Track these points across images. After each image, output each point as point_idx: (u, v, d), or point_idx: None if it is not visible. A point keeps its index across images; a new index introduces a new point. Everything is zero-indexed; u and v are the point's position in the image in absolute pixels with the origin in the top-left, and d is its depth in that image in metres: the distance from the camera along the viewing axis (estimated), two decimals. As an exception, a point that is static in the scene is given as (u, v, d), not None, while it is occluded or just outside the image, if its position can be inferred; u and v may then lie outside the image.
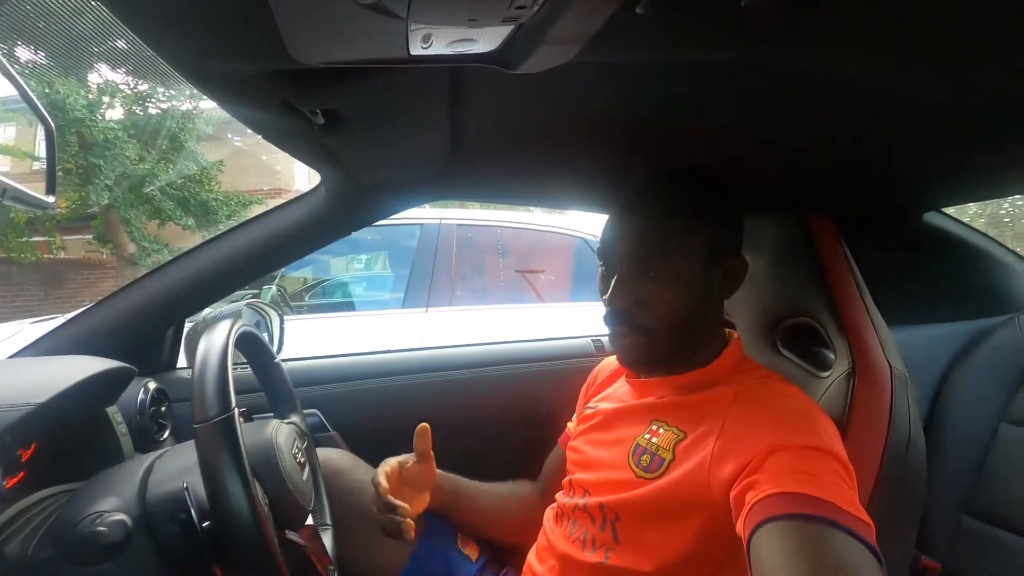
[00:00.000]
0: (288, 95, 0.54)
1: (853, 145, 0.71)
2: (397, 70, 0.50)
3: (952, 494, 1.11)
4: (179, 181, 7.60)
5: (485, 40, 0.42)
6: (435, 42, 0.41)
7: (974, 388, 1.14)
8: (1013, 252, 1.22)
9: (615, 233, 0.69)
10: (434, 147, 0.76)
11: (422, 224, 2.59)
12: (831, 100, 0.56)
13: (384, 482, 0.76)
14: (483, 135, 0.73)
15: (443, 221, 2.61)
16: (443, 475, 0.90)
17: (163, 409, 0.94)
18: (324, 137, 0.66)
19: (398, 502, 0.74)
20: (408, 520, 0.73)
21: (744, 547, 0.50)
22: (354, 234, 1.08)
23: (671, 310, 0.66)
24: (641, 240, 0.67)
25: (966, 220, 1.18)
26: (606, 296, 0.69)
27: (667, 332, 0.67)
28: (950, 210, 1.15)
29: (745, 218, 0.87)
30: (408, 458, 0.83)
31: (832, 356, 0.72)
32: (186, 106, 7.57)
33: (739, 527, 0.52)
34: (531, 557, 0.78)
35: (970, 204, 1.91)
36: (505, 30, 0.40)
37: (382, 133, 0.69)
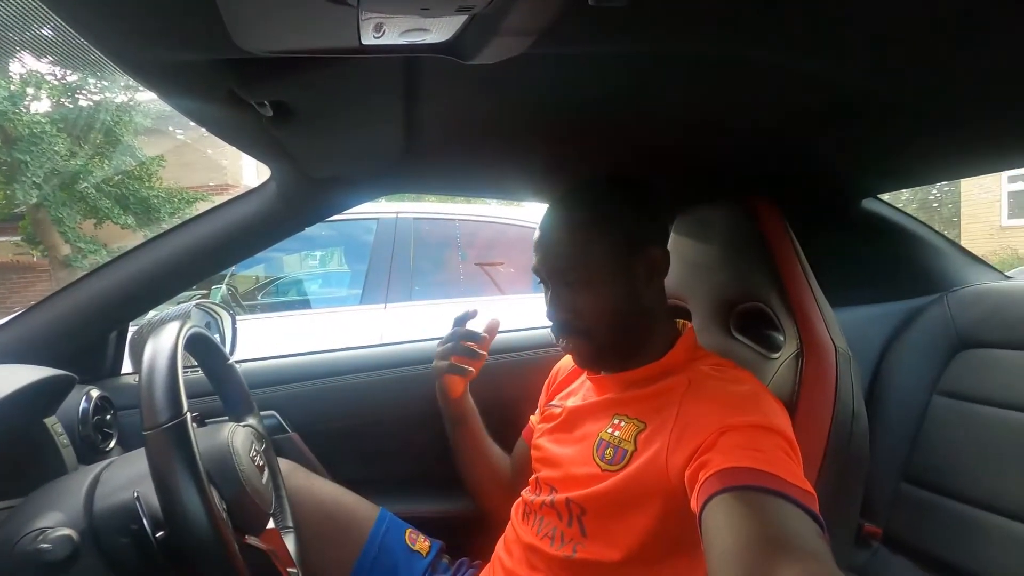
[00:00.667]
0: (234, 86, 0.52)
1: (795, 135, 0.74)
2: (349, 60, 0.49)
3: (891, 463, 1.19)
4: (116, 178, 7.20)
5: (438, 30, 0.41)
6: (387, 32, 0.40)
7: (909, 363, 1.22)
8: (941, 235, 1.31)
9: (537, 253, 0.74)
10: (388, 140, 0.75)
11: (378, 218, 2.55)
12: (774, 91, 0.59)
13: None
14: (438, 127, 0.73)
15: (400, 215, 2.57)
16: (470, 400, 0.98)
17: (108, 418, 0.90)
18: (273, 130, 0.64)
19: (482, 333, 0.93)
20: (484, 352, 0.94)
21: (697, 522, 0.52)
22: (308, 230, 1.05)
23: (600, 310, 0.70)
24: (555, 255, 0.71)
25: (899, 206, 1.25)
26: (547, 311, 0.74)
27: (604, 330, 0.71)
28: (885, 196, 1.21)
29: (696, 206, 0.90)
30: None
31: (781, 338, 0.75)
32: (121, 98, 7.16)
33: (693, 503, 0.54)
34: (500, 550, 0.79)
35: (903, 191, 2.02)
36: (459, 20, 0.40)
37: (334, 125, 0.68)
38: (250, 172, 8.98)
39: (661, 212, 0.77)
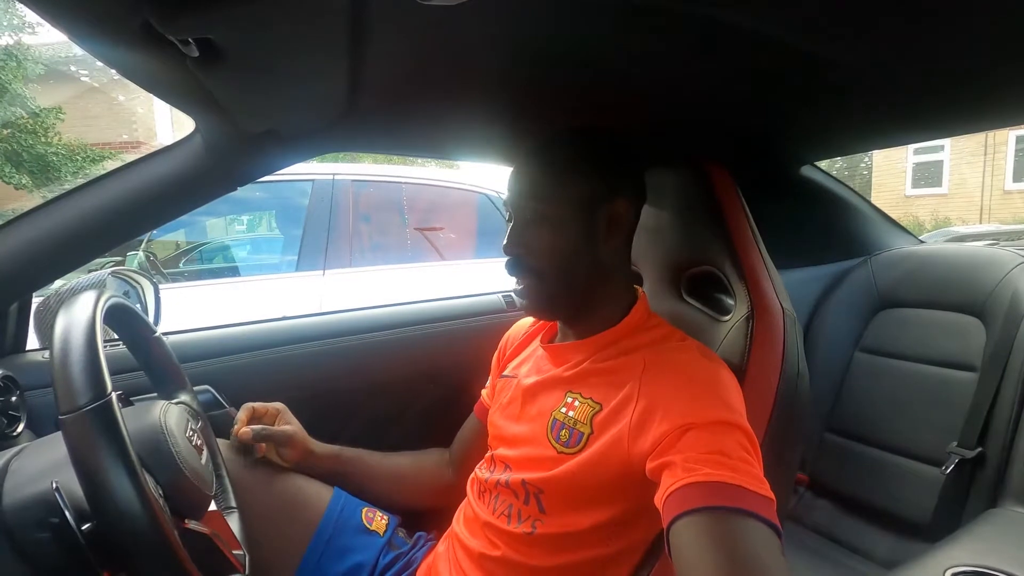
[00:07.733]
0: (150, 18, 0.44)
1: (746, 98, 0.74)
2: None
3: (818, 415, 1.28)
4: (5, 132, 6.42)
5: (396, -38, 0.37)
6: (338, -40, 0.35)
7: (835, 322, 1.30)
8: (868, 201, 1.38)
9: (508, 187, 0.73)
10: (330, 91, 0.69)
11: (314, 180, 2.41)
12: (729, 51, 0.58)
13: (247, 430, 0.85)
14: (386, 79, 0.67)
15: (337, 176, 2.45)
16: (328, 450, 0.92)
17: (13, 399, 0.81)
18: (199, 74, 0.57)
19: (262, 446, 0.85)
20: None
21: (664, 529, 0.53)
22: (237, 191, 0.97)
23: (554, 251, 0.69)
24: (523, 189, 0.71)
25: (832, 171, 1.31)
26: (503, 246, 0.72)
27: (555, 274, 0.70)
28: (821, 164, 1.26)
29: (649, 170, 0.89)
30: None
31: (731, 301, 0.77)
32: (5, 40, 6.32)
33: (657, 502, 0.55)
34: (458, 525, 0.77)
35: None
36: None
37: (270, 72, 0.61)
38: (165, 127, 8.25)
39: (634, 167, 0.75)
